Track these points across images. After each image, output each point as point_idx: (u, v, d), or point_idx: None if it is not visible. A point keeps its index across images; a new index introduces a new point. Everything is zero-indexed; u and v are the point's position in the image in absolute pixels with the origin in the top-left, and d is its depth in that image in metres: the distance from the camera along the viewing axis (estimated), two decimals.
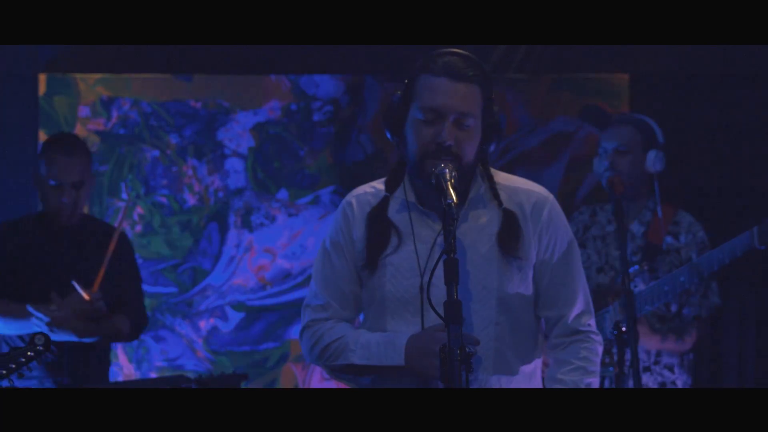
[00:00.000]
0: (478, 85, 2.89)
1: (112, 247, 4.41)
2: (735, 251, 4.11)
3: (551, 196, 3.01)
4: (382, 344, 2.90)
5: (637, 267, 4.37)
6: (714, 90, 5.42)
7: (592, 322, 3.04)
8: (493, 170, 3.01)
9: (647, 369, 4.43)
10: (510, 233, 2.92)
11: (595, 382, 2.98)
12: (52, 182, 4.42)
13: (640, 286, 4.37)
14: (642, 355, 4.39)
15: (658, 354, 4.44)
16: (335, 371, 3.01)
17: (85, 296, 4.32)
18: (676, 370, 4.48)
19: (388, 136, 2.98)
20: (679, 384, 4.47)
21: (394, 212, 2.97)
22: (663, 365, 4.46)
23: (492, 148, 2.96)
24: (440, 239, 2.89)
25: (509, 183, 2.99)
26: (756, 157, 5.37)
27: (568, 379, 2.96)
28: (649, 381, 4.42)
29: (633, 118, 4.58)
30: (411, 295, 2.91)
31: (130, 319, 4.54)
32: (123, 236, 4.62)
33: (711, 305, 4.45)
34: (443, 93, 2.86)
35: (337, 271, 3.00)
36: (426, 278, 2.83)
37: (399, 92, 2.96)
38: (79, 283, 4.34)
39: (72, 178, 4.42)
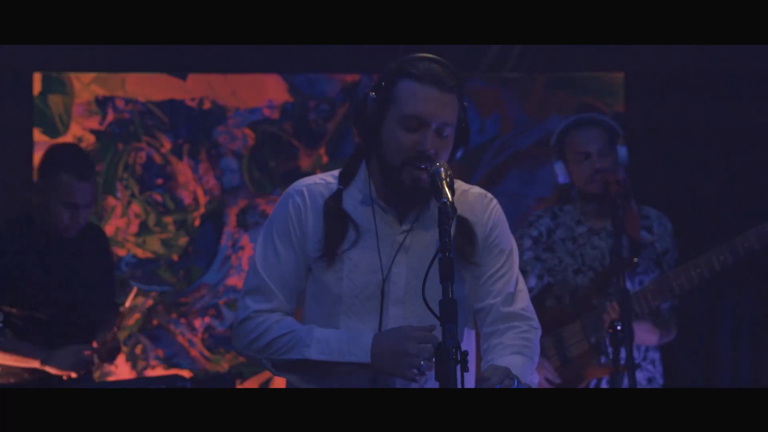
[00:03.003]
0: (456, 95, 2.90)
1: (120, 322, 4.50)
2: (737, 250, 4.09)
3: (495, 199, 3.03)
4: (344, 341, 2.85)
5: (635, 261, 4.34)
6: (710, 89, 5.42)
7: (528, 306, 2.99)
8: None
9: (637, 366, 4.40)
10: (465, 239, 2.93)
11: (530, 366, 2.91)
12: (64, 204, 4.32)
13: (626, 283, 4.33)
14: (634, 352, 4.38)
15: (647, 350, 4.44)
16: (281, 367, 2.92)
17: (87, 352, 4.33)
18: (657, 364, 4.48)
19: (360, 135, 2.96)
20: (659, 378, 4.46)
21: (349, 206, 2.95)
22: (649, 360, 4.45)
23: (459, 154, 2.96)
24: (400, 238, 2.91)
25: (458, 187, 2.96)
26: (754, 157, 5.38)
27: (501, 358, 2.87)
28: (639, 377, 4.39)
29: (594, 118, 4.53)
30: (369, 292, 2.89)
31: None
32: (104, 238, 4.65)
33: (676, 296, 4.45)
34: (428, 101, 2.86)
35: (283, 261, 2.94)
36: (385, 275, 2.86)
37: (373, 93, 2.94)
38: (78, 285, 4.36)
39: (85, 201, 4.35)
